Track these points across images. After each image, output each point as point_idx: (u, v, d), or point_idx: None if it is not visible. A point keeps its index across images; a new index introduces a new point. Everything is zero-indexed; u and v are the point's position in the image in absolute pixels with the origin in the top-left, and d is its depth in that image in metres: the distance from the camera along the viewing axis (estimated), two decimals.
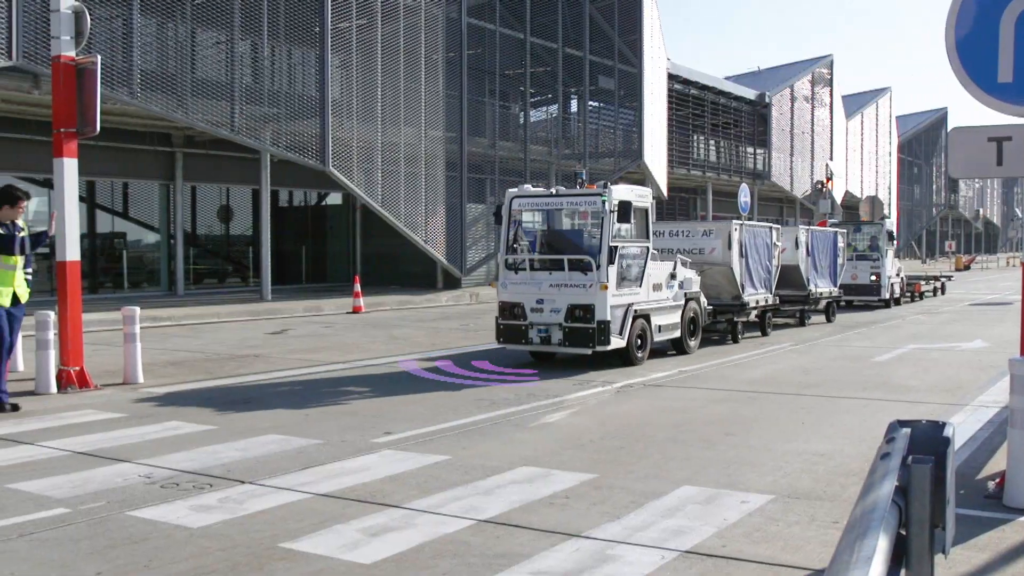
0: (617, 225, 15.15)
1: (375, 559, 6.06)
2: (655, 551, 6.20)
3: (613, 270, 15.03)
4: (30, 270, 11.73)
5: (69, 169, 13.23)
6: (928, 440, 3.42)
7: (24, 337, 15.00)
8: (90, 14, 13.41)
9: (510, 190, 16.63)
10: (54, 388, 12.89)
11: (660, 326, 16.59)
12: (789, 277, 23.22)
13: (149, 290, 31.75)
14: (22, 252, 11.50)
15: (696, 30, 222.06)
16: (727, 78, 60.46)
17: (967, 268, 72.75)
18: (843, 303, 29.34)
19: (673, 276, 17.08)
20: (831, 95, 66.44)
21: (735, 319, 19.90)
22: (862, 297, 31.15)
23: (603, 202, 15.03)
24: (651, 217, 16.44)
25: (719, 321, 19.60)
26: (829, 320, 25.54)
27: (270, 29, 28.43)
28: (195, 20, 27.40)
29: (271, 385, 13.75)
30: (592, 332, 14.90)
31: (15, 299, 11.45)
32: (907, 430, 3.52)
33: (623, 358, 15.65)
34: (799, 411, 11.66)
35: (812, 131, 64.17)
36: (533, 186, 17.59)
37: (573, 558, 6.06)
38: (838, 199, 59.28)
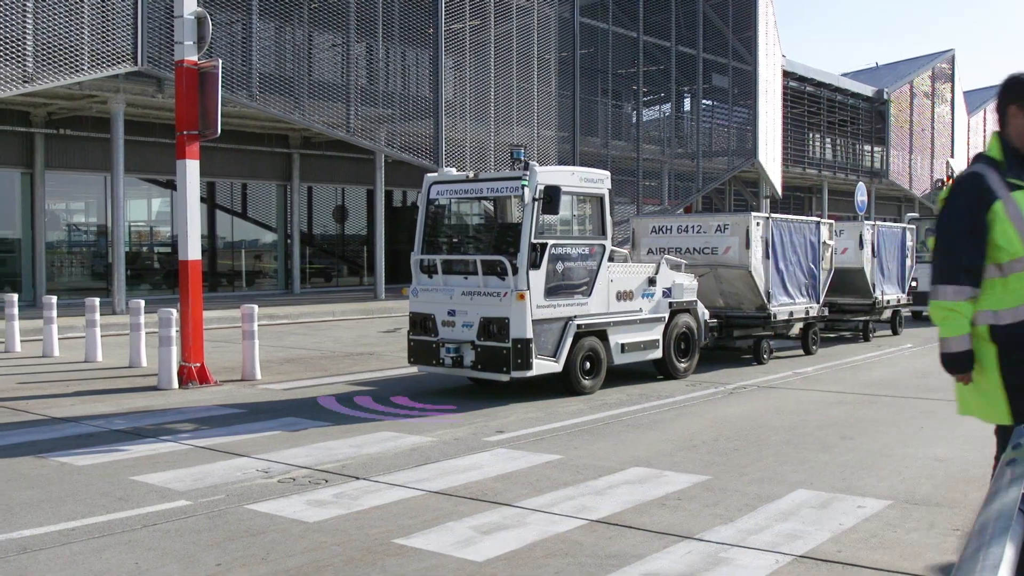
0: (543, 217, 12.10)
1: (487, 557, 6.09)
2: (769, 555, 6.12)
3: (539, 275, 11.94)
4: None
5: (191, 170, 13.57)
6: None
7: (147, 334, 15.48)
8: (211, 19, 13.72)
9: (428, 175, 13.55)
10: (176, 384, 13.23)
11: (624, 344, 13.35)
12: (851, 282, 20.31)
13: (266, 288, 32.44)
14: None
15: (812, 26, 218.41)
16: (844, 74, 59.29)
17: None
18: (925, 313, 26.87)
19: (652, 282, 13.88)
20: (952, 91, 64.66)
21: (759, 335, 16.55)
22: None
23: (523, 187, 11.94)
24: (607, 207, 13.12)
25: (735, 337, 16.47)
26: (896, 332, 21.99)
27: (385, 31, 28.75)
28: (312, 23, 27.88)
29: (385, 382, 13.90)
30: (507, 353, 11.88)
31: None
32: None
33: (565, 385, 12.65)
34: (918, 415, 11.38)
35: (932, 128, 62.53)
36: (454, 172, 13.47)
37: (685, 560, 6.01)
38: None
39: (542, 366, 12.05)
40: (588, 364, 12.81)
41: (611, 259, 13.45)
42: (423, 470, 8.38)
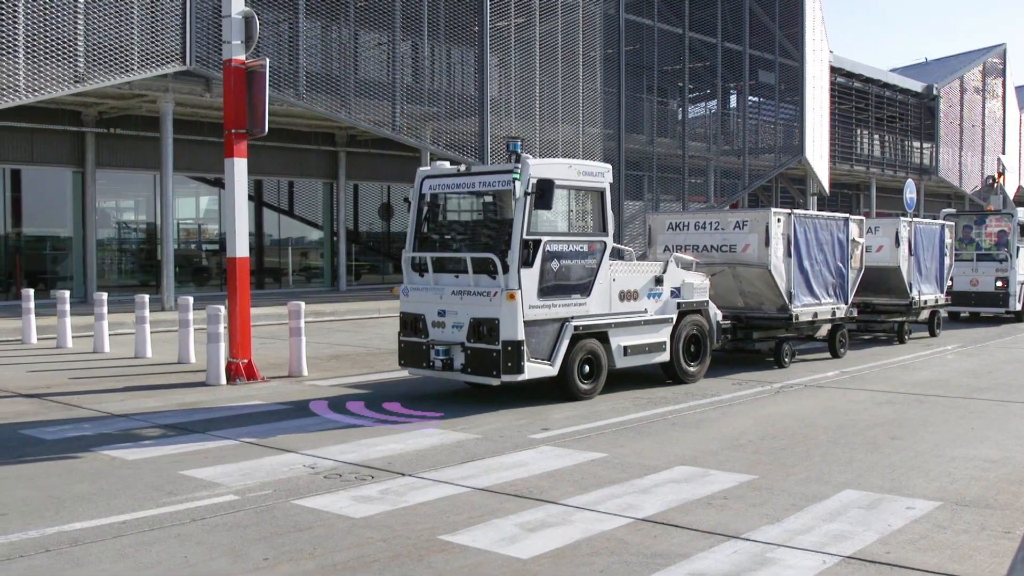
0: (537, 212, 11.50)
1: (533, 554, 6.10)
2: (816, 555, 6.08)
3: (532, 273, 11.38)
4: None
5: (239, 169, 13.69)
6: None
7: (196, 330, 15.64)
8: (258, 19, 13.81)
9: (421, 169, 13.08)
10: (224, 380, 13.35)
11: (627, 347, 12.74)
12: (886, 282, 19.71)
13: (312, 285, 32.66)
14: None
15: (860, 21, 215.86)
16: (892, 70, 58.65)
17: None
18: (965, 314, 25.92)
19: (659, 281, 13.27)
20: (1004, 86, 63.75)
21: (781, 337, 15.94)
22: (986, 308, 25.45)
23: (514, 181, 11.40)
24: (608, 202, 12.54)
25: (755, 339, 15.81)
26: (933, 334, 21.19)
27: (430, 29, 28.83)
28: (358, 22, 27.99)
29: (429, 380, 13.93)
30: (496, 356, 11.34)
31: None
32: None
33: (562, 390, 12.06)
34: (968, 415, 11.25)
35: (983, 124, 61.72)
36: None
37: (731, 560, 5.99)
38: (1010, 194, 56.93)
39: (535, 369, 11.50)
40: (587, 367, 12.24)
41: (620, 257, 13.11)
42: (468, 467, 8.41)
